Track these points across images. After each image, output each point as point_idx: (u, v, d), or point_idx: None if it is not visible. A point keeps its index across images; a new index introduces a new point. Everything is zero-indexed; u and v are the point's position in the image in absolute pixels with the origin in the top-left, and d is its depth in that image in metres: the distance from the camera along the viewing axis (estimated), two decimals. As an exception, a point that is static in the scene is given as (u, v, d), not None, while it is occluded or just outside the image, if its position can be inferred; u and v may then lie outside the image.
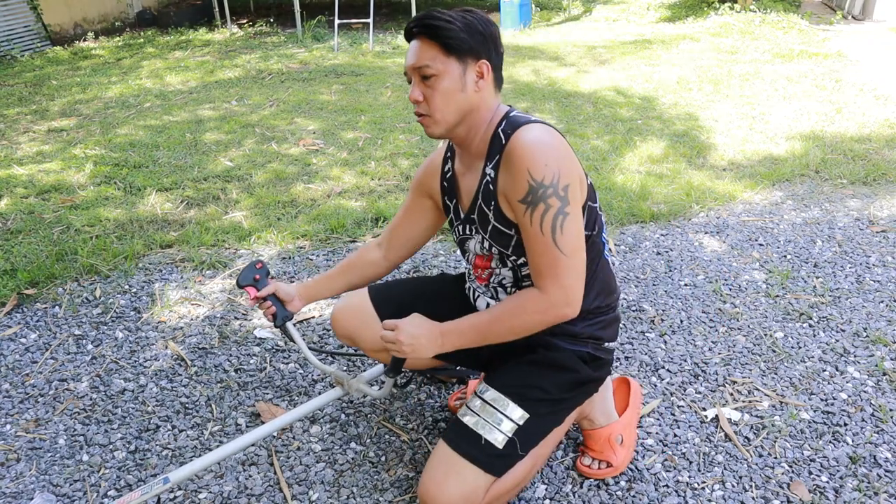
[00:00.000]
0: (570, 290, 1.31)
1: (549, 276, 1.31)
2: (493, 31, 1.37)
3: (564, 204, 1.28)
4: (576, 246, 1.31)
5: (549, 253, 1.30)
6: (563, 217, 1.28)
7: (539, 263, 1.32)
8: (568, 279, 1.31)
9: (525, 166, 1.28)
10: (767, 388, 1.96)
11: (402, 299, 1.65)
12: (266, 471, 1.70)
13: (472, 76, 1.35)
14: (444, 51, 1.32)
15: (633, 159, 3.80)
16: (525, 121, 1.35)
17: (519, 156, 1.29)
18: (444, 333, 1.40)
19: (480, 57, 1.35)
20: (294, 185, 3.49)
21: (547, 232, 1.28)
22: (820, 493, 1.60)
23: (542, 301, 1.32)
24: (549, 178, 1.27)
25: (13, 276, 2.58)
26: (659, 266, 2.67)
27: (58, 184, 3.50)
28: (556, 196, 1.27)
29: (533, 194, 1.28)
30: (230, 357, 2.15)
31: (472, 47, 1.33)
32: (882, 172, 3.56)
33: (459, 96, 1.35)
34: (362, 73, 6.10)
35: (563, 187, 1.28)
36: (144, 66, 6.52)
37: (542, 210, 1.28)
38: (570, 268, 1.30)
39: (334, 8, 7.52)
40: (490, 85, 1.38)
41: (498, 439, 1.40)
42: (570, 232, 1.29)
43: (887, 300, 2.40)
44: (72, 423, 1.87)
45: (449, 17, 1.33)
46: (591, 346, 1.50)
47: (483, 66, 1.35)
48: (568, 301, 1.32)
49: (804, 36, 7.26)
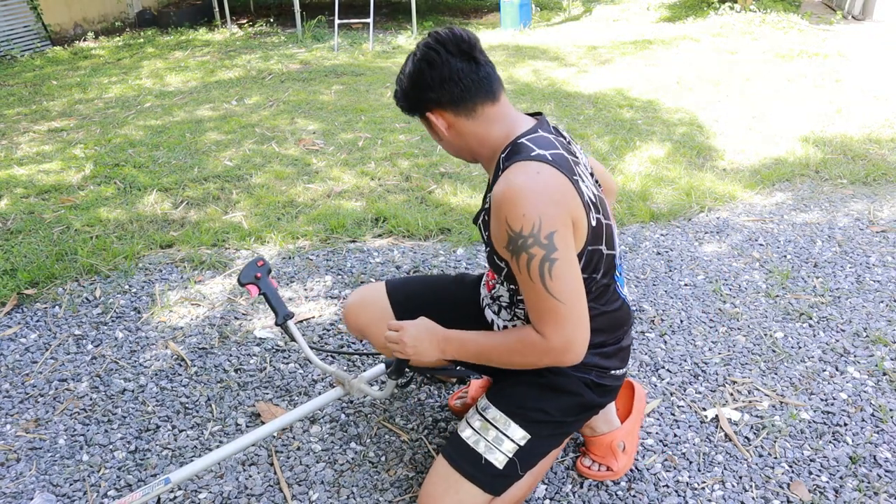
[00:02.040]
0: (571, 337, 1.25)
1: (548, 322, 1.24)
2: (424, 80, 1.30)
3: (550, 251, 1.20)
4: (572, 291, 1.23)
5: (544, 300, 1.23)
6: (549, 264, 1.21)
7: (536, 309, 1.26)
8: (568, 327, 1.24)
9: (503, 216, 1.22)
10: (767, 388, 1.96)
11: (419, 299, 1.64)
12: (266, 471, 1.70)
13: (439, 124, 1.33)
14: (409, 114, 1.39)
15: (634, 160, 3.80)
16: (524, 155, 1.26)
17: (498, 203, 1.23)
18: (447, 340, 1.39)
19: (427, 109, 1.33)
20: (294, 185, 3.49)
21: (536, 279, 1.22)
22: (820, 493, 1.60)
23: (542, 345, 1.27)
24: (529, 228, 1.20)
25: (13, 276, 2.58)
26: (659, 266, 2.67)
27: (58, 184, 3.50)
28: (539, 245, 1.20)
29: (513, 244, 1.23)
30: (230, 357, 2.15)
31: (413, 106, 1.36)
32: (882, 172, 3.56)
33: (443, 143, 1.39)
34: (362, 73, 6.10)
35: (547, 235, 1.20)
36: (144, 67, 6.52)
37: (525, 259, 1.22)
38: (569, 315, 1.23)
39: (334, 8, 7.51)
40: (465, 121, 1.32)
41: (498, 459, 1.40)
42: (563, 277, 1.22)
43: (887, 300, 2.40)
44: (72, 423, 1.87)
45: (396, 83, 1.38)
46: (595, 374, 1.46)
47: (432, 117, 1.33)
48: (568, 348, 1.26)
49: (804, 36, 7.26)
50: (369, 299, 1.66)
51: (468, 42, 1.29)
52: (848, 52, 6.46)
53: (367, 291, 1.69)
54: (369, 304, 1.65)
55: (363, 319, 1.65)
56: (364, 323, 1.65)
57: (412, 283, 1.72)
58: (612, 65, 6.32)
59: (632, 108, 4.85)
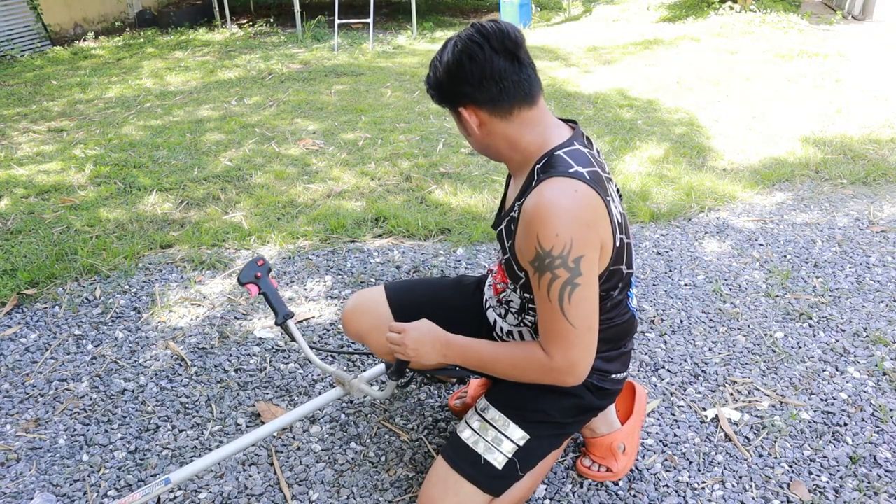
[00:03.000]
0: (576, 362, 1.25)
1: (556, 343, 1.24)
2: (463, 74, 1.23)
3: (574, 276, 1.19)
4: (587, 318, 1.23)
5: (557, 322, 1.22)
6: (571, 288, 1.19)
7: (547, 328, 1.25)
8: (574, 351, 1.24)
9: (535, 231, 1.19)
10: (767, 388, 1.96)
11: (418, 305, 1.62)
12: (266, 471, 1.70)
13: (471, 121, 1.27)
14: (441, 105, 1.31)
15: (634, 160, 3.80)
16: (561, 170, 1.22)
17: (532, 217, 1.20)
18: (449, 346, 1.39)
19: (460, 104, 1.27)
20: (294, 185, 3.49)
21: (554, 300, 1.21)
22: (820, 493, 1.60)
23: (545, 364, 1.27)
24: (559, 249, 1.18)
25: (13, 276, 2.58)
26: (659, 266, 2.67)
27: (58, 184, 3.50)
28: (565, 267, 1.18)
29: (540, 262, 1.20)
30: (230, 357, 2.15)
31: (445, 98, 1.28)
32: (882, 172, 3.56)
33: (471, 139, 1.32)
34: (362, 73, 6.10)
35: (575, 259, 1.18)
36: (145, 66, 6.52)
37: (548, 279, 1.20)
38: (578, 340, 1.23)
39: (334, 8, 7.51)
40: (499, 122, 1.26)
41: (498, 460, 1.40)
42: (581, 303, 1.21)
43: (887, 300, 2.40)
44: (72, 423, 1.87)
45: (430, 69, 1.30)
46: (597, 377, 1.45)
47: (465, 113, 1.27)
48: (571, 371, 1.26)
49: (804, 36, 7.25)
50: (368, 305, 1.65)
51: (514, 40, 1.22)
52: (848, 52, 6.46)
53: (365, 296, 1.67)
54: (368, 310, 1.64)
55: (363, 326, 1.64)
56: (364, 329, 1.64)
57: (411, 286, 1.70)
58: (612, 65, 6.32)
59: (632, 108, 4.85)
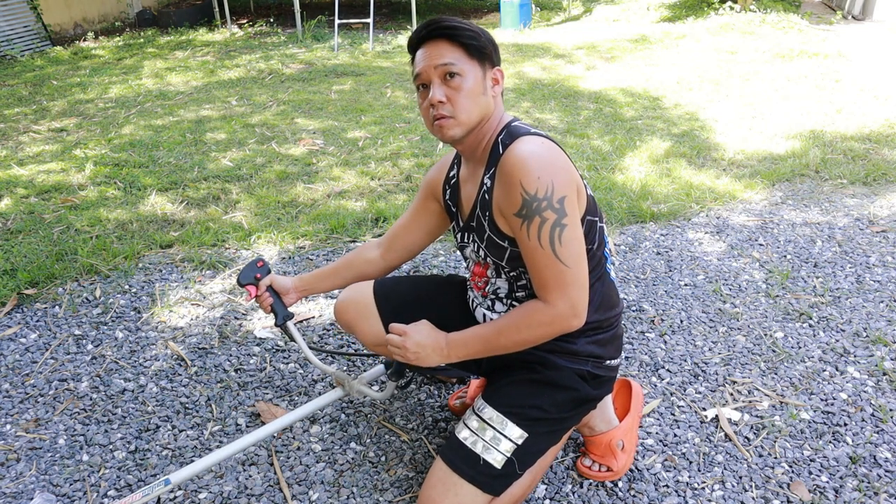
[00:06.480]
0: (576, 301, 1.30)
1: (555, 288, 1.29)
2: (495, 43, 1.40)
3: (561, 216, 1.26)
4: (578, 256, 1.29)
5: (552, 266, 1.28)
6: (560, 229, 1.26)
7: (543, 276, 1.30)
8: (573, 291, 1.29)
9: (517, 179, 1.27)
10: (767, 388, 1.96)
11: (404, 298, 1.65)
12: (266, 471, 1.70)
13: (490, 82, 1.38)
14: (468, 53, 1.34)
15: (634, 159, 3.80)
16: (524, 132, 1.34)
17: (511, 168, 1.28)
18: (449, 344, 1.40)
19: (496, 64, 1.39)
20: (294, 185, 3.49)
21: (546, 245, 1.27)
22: (820, 493, 1.60)
23: (547, 313, 1.31)
24: (543, 191, 1.25)
25: (13, 276, 2.58)
26: (659, 266, 2.67)
27: (58, 184, 3.50)
28: (552, 209, 1.26)
29: (527, 207, 1.27)
30: (230, 357, 2.15)
31: (490, 54, 1.37)
32: (882, 172, 3.56)
33: (481, 99, 1.36)
34: (363, 73, 6.10)
35: (559, 199, 1.26)
36: (145, 67, 6.52)
37: (537, 223, 1.26)
38: (574, 279, 1.29)
39: (334, 8, 7.52)
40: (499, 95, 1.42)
41: (496, 459, 1.40)
42: (570, 243, 1.28)
43: (887, 300, 2.40)
44: (72, 423, 1.87)
45: (466, 23, 1.37)
46: (592, 365, 1.47)
47: (498, 73, 1.39)
48: (574, 312, 1.31)
49: (804, 36, 7.26)
50: (356, 297, 1.68)
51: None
52: (848, 52, 6.46)
53: (354, 289, 1.71)
54: (355, 301, 1.67)
55: (349, 315, 1.67)
56: (350, 319, 1.67)
57: (398, 281, 1.73)
58: (612, 64, 6.32)
59: (632, 108, 4.86)
